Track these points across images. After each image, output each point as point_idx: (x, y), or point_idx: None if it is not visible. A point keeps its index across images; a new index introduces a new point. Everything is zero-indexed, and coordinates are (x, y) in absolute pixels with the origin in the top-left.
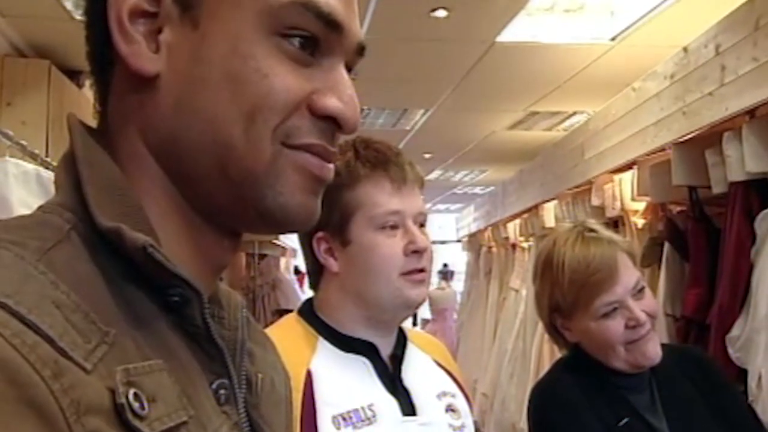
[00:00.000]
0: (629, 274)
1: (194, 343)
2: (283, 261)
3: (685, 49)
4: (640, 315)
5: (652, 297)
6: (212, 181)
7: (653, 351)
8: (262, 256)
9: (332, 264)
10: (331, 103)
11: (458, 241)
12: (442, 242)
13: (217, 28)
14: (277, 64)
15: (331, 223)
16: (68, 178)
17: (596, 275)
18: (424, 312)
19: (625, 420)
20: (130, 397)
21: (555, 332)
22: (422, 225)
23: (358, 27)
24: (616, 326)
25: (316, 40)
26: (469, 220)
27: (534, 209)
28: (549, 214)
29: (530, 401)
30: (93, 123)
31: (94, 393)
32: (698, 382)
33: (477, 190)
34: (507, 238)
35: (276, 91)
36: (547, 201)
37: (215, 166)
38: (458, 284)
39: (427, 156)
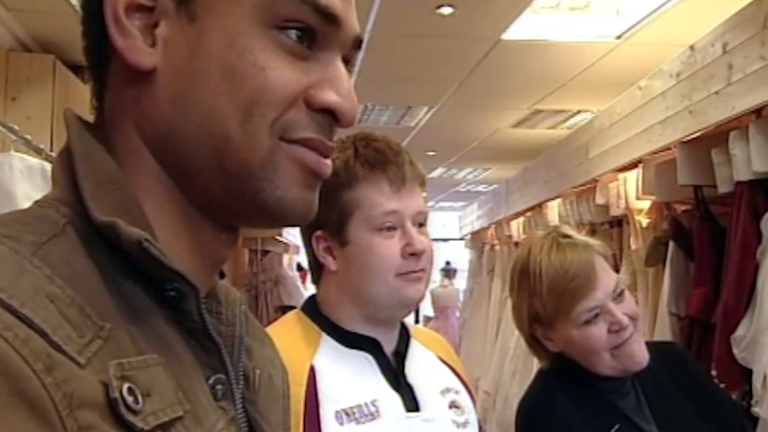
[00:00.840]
0: (608, 278)
1: (191, 338)
2: (285, 257)
3: (691, 48)
4: (622, 318)
5: (632, 299)
6: (209, 174)
7: (640, 353)
8: (265, 253)
9: (331, 263)
10: (329, 96)
11: (461, 239)
12: (445, 240)
13: (213, 22)
14: (274, 58)
15: (330, 222)
16: (65, 172)
17: (575, 281)
18: (427, 309)
19: (616, 426)
20: (124, 391)
21: (536, 343)
22: (422, 224)
23: (356, 20)
24: (599, 332)
25: (314, 32)
26: (472, 218)
27: (538, 207)
28: (553, 212)
29: (519, 417)
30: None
31: (87, 387)
32: (680, 378)
33: (480, 188)
34: (510, 237)
35: (273, 85)
36: (551, 199)
37: (212, 159)
38: (461, 282)
39: (430, 153)
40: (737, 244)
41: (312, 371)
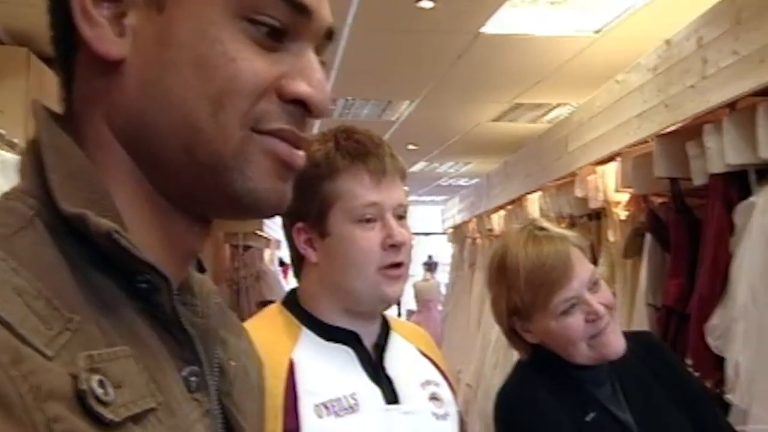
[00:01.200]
0: (584, 268)
1: (164, 330)
2: (267, 252)
3: (667, 42)
4: (598, 308)
5: (607, 289)
6: (180, 165)
7: (616, 342)
8: (246, 248)
9: (311, 255)
10: (300, 87)
11: (443, 233)
12: (427, 234)
13: (182, 12)
14: (244, 49)
15: (311, 214)
16: (32, 164)
17: (552, 273)
18: (410, 303)
19: (592, 414)
20: (94, 383)
21: (515, 336)
22: (402, 217)
23: (328, 11)
24: (576, 322)
25: (285, 26)
26: (454, 212)
27: (518, 201)
28: (533, 205)
29: (497, 407)
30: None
31: (55, 379)
32: (655, 367)
33: (462, 181)
34: (491, 230)
35: (244, 76)
36: (532, 192)
37: (183, 150)
38: (443, 275)
39: (412, 147)
40: (711, 235)
41: (292, 365)
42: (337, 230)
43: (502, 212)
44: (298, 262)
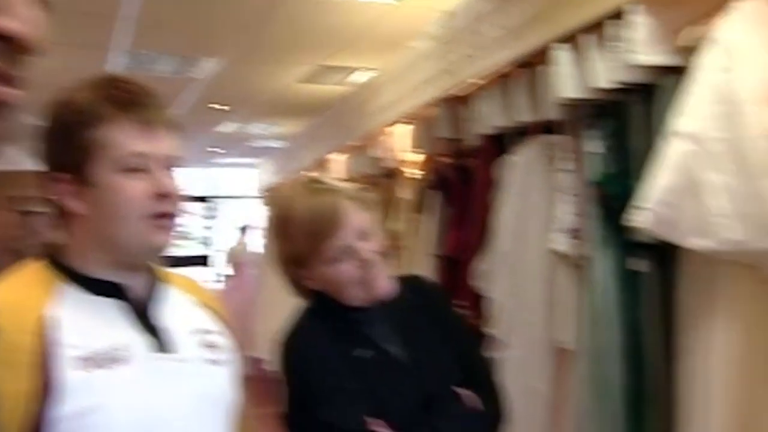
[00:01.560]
0: (355, 219)
1: None
2: None
3: (449, 13)
4: (367, 255)
5: (380, 237)
6: None
7: (385, 284)
8: (35, 214)
9: (75, 206)
10: (6, 22)
11: (260, 196)
12: (242, 197)
13: None
14: None
15: (72, 163)
16: None
17: (324, 223)
18: (227, 268)
19: (370, 352)
20: None
21: (297, 284)
22: (171, 168)
23: None
24: (348, 268)
25: None
26: (267, 174)
27: (324, 162)
28: (338, 166)
29: (279, 350)
30: None
31: None
32: (424, 306)
33: (274, 143)
34: None
35: None
36: (336, 153)
37: None
38: (254, 239)
39: (219, 107)
40: (479, 190)
41: (47, 320)
42: (102, 180)
43: (310, 173)
44: (61, 215)
